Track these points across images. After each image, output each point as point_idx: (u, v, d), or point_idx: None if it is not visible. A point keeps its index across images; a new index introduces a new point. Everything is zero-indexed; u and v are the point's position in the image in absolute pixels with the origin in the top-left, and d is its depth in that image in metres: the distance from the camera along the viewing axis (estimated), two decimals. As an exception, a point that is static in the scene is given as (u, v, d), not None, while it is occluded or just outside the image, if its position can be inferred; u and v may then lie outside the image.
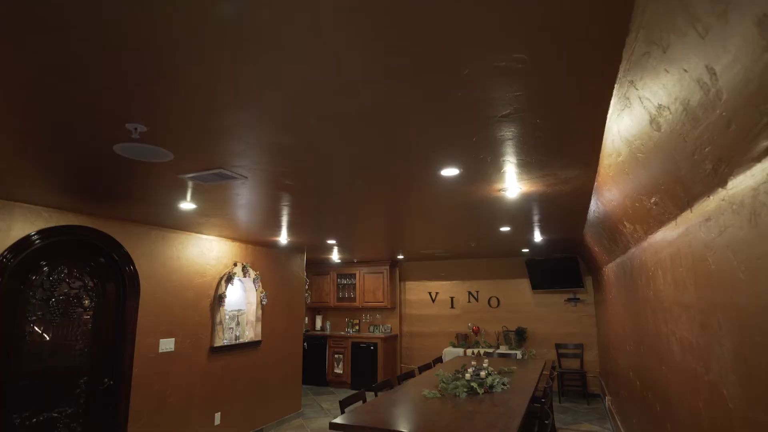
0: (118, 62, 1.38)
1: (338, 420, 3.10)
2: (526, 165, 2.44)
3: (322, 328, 9.14)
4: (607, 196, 2.70)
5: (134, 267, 4.13)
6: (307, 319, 9.19)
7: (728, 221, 1.26)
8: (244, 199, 3.25)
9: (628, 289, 3.38)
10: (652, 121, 1.45)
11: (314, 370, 8.45)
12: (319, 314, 9.31)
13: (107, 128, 1.88)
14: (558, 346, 7.51)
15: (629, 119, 1.62)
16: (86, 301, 3.81)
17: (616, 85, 1.51)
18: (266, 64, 1.39)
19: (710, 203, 1.40)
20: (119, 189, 2.90)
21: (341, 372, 8.23)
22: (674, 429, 2.14)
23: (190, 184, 2.78)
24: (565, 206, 3.52)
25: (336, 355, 8.34)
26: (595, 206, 3.38)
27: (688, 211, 1.63)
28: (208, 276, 4.98)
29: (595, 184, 2.83)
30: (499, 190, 2.97)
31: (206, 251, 4.99)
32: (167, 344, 4.41)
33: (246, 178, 2.64)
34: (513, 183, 2.81)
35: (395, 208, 3.61)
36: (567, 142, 2.09)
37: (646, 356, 2.81)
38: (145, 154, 2.16)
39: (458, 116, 1.78)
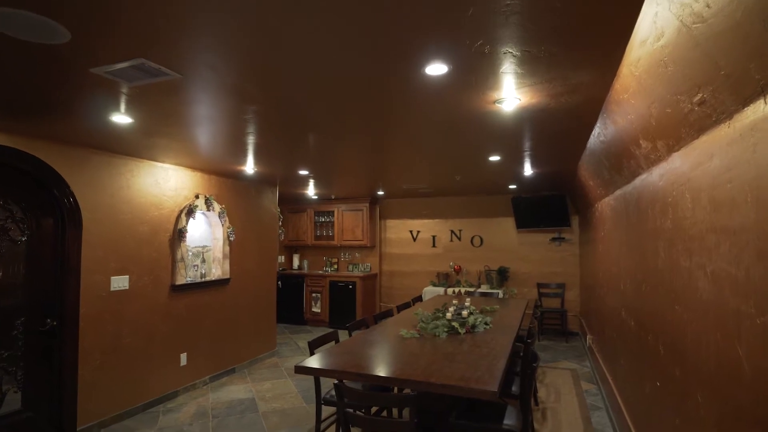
0: None
1: (306, 363, 2.79)
2: (532, 62, 1.95)
3: (300, 267, 8.85)
4: (624, 108, 2.25)
5: (73, 196, 3.60)
6: (283, 257, 8.86)
7: None
8: (191, 110, 2.71)
9: (630, 223, 3.03)
10: (741, -48, 0.97)
11: (291, 309, 8.25)
12: (296, 253, 8.99)
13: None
14: (540, 285, 7.39)
15: (694, -34, 1.13)
16: (16, 234, 3.31)
17: None
18: None
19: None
20: (19, 90, 2.32)
21: (319, 311, 8.04)
22: (686, 376, 1.85)
23: (114, 85, 2.22)
24: (567, 127, 3.08)
25: (313, 294, 8.11)
26: (600, 128, 2.95)
27: (761, 101, 1.19)
28: (166, 209, 4.49)
29: (609, 94, 2.37)
30: (494, 102, 2.49)
31: (162, 181, 4.45)
32: (120, 282, 3.99)
33: (181, 75, 2.09)
34: (511, 91, 2.33)
35: (373, 124, 3.11)
36: (590, 23, 1.60)
37: (650, 295, 2.50)
38: (27, 28, 1.60)
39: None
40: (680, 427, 1.95)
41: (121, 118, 2.82)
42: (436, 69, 1.99)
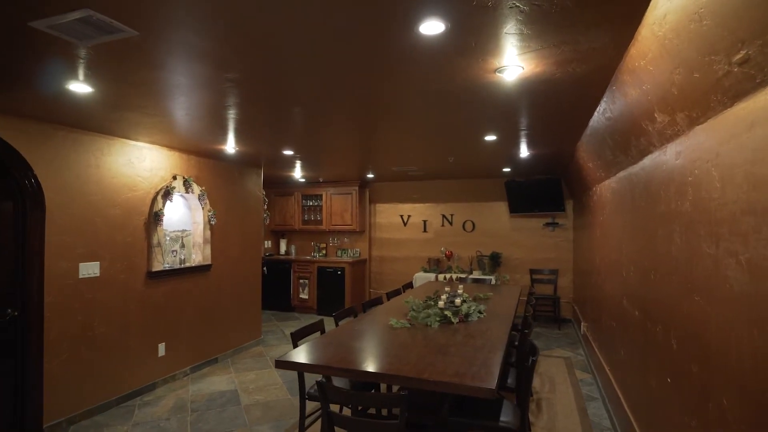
0: None
1: (287, 357, 2.57)
2: (540, 20, 1.70)
3: (287, 252, 8.61)
4: (639, 77, 2.02)
5: (35, 177, 3.30)
6: (270, 242, 8.60)
7: None
8: (158, 77, 2.42)
9: (636, 206, 2.83)
10: None
11: (278, 296, 8.03)
12: (283, 237, 8.73)
13: None
14: (533, 271, 7.24)
15: None
16: (-30, 216, 3.03)
17: None
18: None
19: None
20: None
21: (307, 297, 7.83)
22: (707, 374, 1.66)
23: (64, 45, 1.94)
24: (571, 100, 2.85)
25: (301, 280, 7.89)
26: (607, 102, 2.72)
27: (832, 51, 0.97)
28: (140, 190, 4.20)
29: (622, 63, 2.13)
30: (495, 71, 2.24)
31: (136, 161, 4.16)
32: (90, 268, 3.72)
33: (138, 32, 1.82)
34: (514, 58, 2.08)
35: (363, 97, 2.86)
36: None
37: (659, 283, 2.31)
38: (-60, -35, 1.32)
39: None
40: (697, 430, 1.77)
41: (79, 86, 2.52)
42: (432, 27, 1.73)
